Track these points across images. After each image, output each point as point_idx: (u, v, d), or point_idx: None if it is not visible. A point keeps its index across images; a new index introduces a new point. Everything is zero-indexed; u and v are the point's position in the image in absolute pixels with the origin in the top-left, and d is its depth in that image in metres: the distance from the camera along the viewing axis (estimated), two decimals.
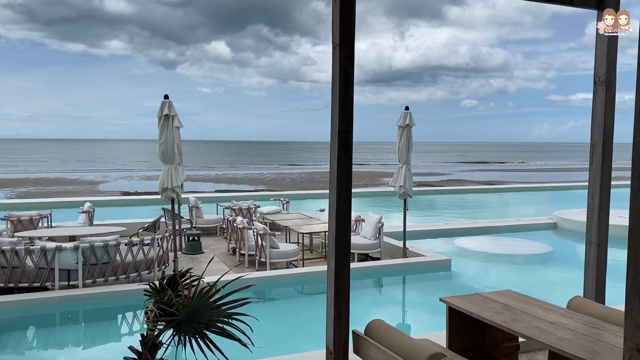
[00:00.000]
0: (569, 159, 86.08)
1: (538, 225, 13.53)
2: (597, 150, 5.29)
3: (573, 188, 26.56)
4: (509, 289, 5.11)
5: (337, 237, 4.23)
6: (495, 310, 4.42)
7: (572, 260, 11.38)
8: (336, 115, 4.17)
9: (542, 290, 8.80)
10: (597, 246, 5.36)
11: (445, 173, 45.26)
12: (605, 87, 5.23)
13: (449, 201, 20.96)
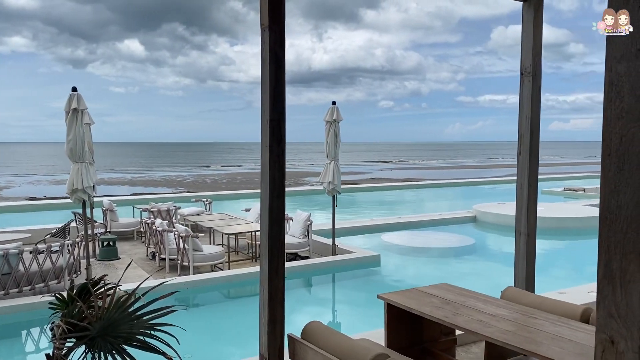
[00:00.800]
0: (477, 156, 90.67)
1: (459, 219, 13.90)
2: (525, 141, 5.34)
3: (486, 183, 27.82)
4: (444, 282, 5.04)
5: (271, 235, 3.92)
6: (435, 304, 4.30)
7: (494, 252, 11.78)
8: (267, 103, 3.85)
9: (470, 282, 8.95)
10: (526, 236, 5.41)
11: (364, 172, 45.99)
12: (532, 78, 5.29)
13: (371, 199, 21.18)
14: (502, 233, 12.99)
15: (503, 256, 11.29)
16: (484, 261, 10.66)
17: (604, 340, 1.83)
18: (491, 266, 10.28)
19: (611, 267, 1.80)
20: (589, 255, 11.60)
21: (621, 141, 1.76)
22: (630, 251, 1.75)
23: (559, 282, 8.07)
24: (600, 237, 1.84)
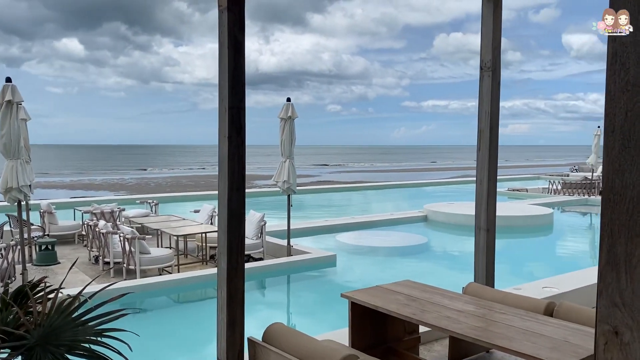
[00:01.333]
0: (422, 159, 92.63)
1: (411, 218, 13.98)
2: (485, 136, 5.31)
3: (433, 185, 28.30)
4: (408, 279, 4.92)
5: (230, 230, 3.66)
6: (401, 302, 4.16)
7: (447, 249, 11.89)
8: (225, 89, 3.60)
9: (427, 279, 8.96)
10: (486, 231, 5.38)
11: (313, 175, 45.93)
12: (492, 73, 5.27)
13: (323, 200, 21.07)
14: (453, 231, 13.15)
15: (456, 254, 11.42)
16: (438, 259, 10.72)
17: (607, 332, 1.70)
18: (445, 263, 10.35)
19: (615, 252, 1.68)
20: (538, 252, 11.88)
21: (626, 116, 1.65)
22: (636, 234, 1.64)
23: (514, 279, 8.16)
24: (602, 219, 1.71)
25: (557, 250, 12.18)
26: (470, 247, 12.68)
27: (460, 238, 12.84)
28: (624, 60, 1.65)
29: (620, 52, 1.66)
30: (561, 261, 10.83)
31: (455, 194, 21.66)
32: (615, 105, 1.67)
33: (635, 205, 1.63)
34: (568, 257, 11.42)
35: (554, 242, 13.12)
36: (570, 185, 19.85)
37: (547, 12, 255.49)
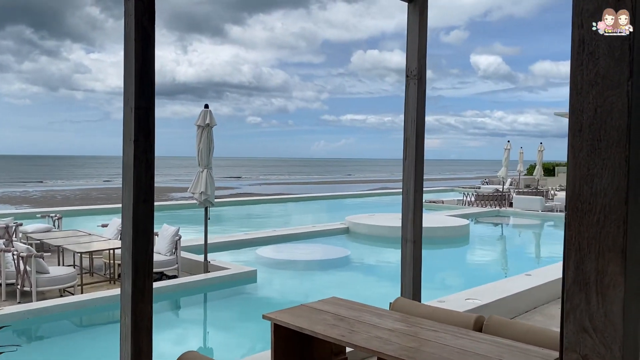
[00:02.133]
0: (342, 172, 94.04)
1: (332, 230, 13.82)
2: (411, 144, 5.17)
3: (353, 197, 28.52)
4: (334, 296, 4.63)
5: (136, 248, 3.19)
6: (328, 322, 3.85)
7: (370, 262, 11.80)
8: (132, 87, 3.15)
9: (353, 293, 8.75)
10: (412, 243, 5.21)
11: (232, 187, 44.95)
12: (417, 80, 5.15)
13: (242, 213, 20.50)
14: (375, 243, 13.13)
15: (380, 266, 11.35)
16: (362, 271, 10.59)
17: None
18: (370, 276, 10.22)
19: (584, 270, 1.46)
20: (458, 263, 12.03)
21: (595, 113, 1.45)
22: (609, 248, 1.43)
23: (437, 291, 8.13)
24: (568, 233, 1.50)
25: (476, 261, 12.48)
26: (394, 259, 12.67)
27: (383, 250, 12.83)
28: (592, 49, 1.45)
29: (588, 40, 1.46)
30: (480, 272, 11.06)
31: (374, 206, 21.89)
32: (583, 100, 1.47)
33: (607, 215, 1.42)
34: (486, 268, 11.71)
35: (472, 252, 13.45)
36: (483, 197, 20.66)
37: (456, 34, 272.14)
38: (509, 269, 11.25)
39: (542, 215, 18.65)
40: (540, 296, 7.60)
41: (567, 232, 1.49)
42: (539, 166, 23.48)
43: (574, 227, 1.47)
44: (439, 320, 4.11)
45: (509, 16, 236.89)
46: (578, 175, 1.45)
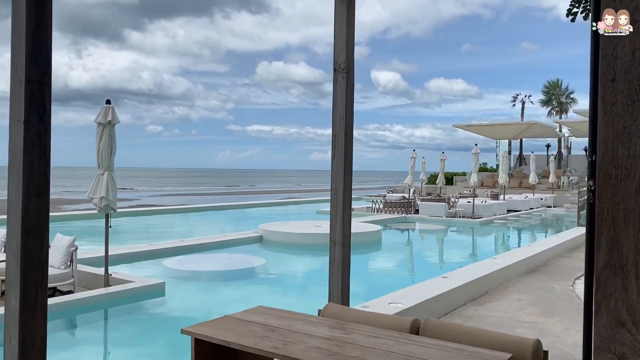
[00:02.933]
0: (247, 183, 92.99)
1: (245, 239, 13.29)
2: (340, 141, 4.89)
3: (262, 206, 28.01)
4: (260, 305, 4.21)
5: (25, 254, 2.58)
6: (258, 334, 3.42)
7: (287, 269, 11.41)
8: (21, 55, 2.56)
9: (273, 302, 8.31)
10: (341, 245, 4.92)
11: (132, 199, 42.45)
12: (346, 75, 4.90)
13: (145, 224, 19.27)
14: (290, 251, 12.79)
15: (298, 273, 11.01)
16: (281, 280, 10.17)
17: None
18: (288, 284, 9.84)
19: (619, 250, 1.20)
20: (375, 267, 11.96)
21: (633, 57, 1.21)
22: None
23: (358, 296, 7.92)
24: (598, 206, 1.23)
25: (391, 265, 12.53)
26: (312, 266, 12.37)
27: (300, 257, 12.53)
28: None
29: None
30: (397, 275, 11.09)
31: (282, 215, 21.57)
32: (617, 42, 1.23)
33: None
34: (402, 271, 11.79)
35: (386, 257, 13.52)
36: (391, 204, 21.07)
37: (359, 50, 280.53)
38: (424, 272, 11.37)
39: (447, 220, 19.37)
40: (458, 298, 7.65)
41: (596, 205, 1.23)
42: (441, 174, 24.46)
43: (606, 198, 1.21)
44: (375, 326, 3.84)
45: (407, 35, 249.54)
46: (611, 134, 1.20)
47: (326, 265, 6.90)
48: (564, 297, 8.34)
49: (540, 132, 35.76)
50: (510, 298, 8.22)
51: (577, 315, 7.32)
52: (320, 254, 12.58)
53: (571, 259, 11.99)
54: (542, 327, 6.76)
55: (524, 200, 25.05)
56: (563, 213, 24.99)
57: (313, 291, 9.32)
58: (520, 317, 7.19)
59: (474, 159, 20.47)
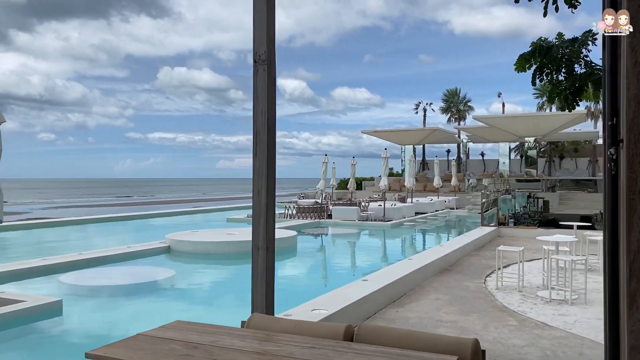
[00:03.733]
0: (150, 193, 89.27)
1: (151, 250, 12.45)
2: (262, 139, 4.57)
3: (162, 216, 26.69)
4: (178, 320, 3.75)
5: None
6: (178, 352, 3.00)
7: (198, 280, 10.79)
8: None
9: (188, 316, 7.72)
10: (265, 250, 4.58)
11: (22, 212, 38.92)
12: (267, 67, 4.59)
13: (37, 238, 17.60)
14: (201, 261, 12.17)
15: (211, 284, 10.43)
16: (193, 291, 9.55)
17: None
18: (202, 296, 9.25)
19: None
20: (293, 273, 11.64)
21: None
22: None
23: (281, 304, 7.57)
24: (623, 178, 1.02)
25: (310, 270, 12.29)
26: (226, 276, 11.82)
27: (212, 267, 11.94)
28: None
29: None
30: (317, 280, 10.86)
31: (191, 224, 20.71)
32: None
33: None
34: (321, 276, 11.58)
35: (303, 262, 13.27)
36: (304, 210, 20.94)
37: None
38: (343, 276, 11.25)
39: (360, 224, 19.55)
40: (379, 301, 7.55)
41: (625, 176, 1.02)
42: (352, 179, 24.75)
43: (638, 166, 1.00)
44: (307, 335, 3.54)
45: (311, 44, 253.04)
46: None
47: (243, 274, 6.48)
48: (479, 295, 8.54)
49: (442, 138, 37.51)
50: (428, 298, 8.27)
51: (493, 311, 7.48)
52: (235, 262, 12.08)
53: (480, 257, 12.44)
54: (462, 325, 6.81)
55: (430, 202, 26.00)
56: (465, 214, 26.22)
57: (231, 302, 8.84)
58: (441, 316, 7.22)
59: (384, 163, 20.90)
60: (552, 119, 27.42)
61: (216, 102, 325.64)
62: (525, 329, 6.64)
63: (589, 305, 7.85)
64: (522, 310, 7.55)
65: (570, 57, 4.18)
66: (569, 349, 5.86)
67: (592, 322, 6.94)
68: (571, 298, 8.03)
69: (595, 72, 3.98)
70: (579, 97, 4.37)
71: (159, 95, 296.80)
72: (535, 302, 8.07)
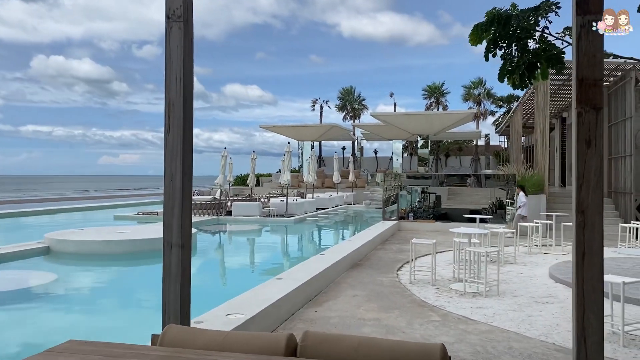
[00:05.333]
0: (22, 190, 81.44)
1: (26, 252, 10.81)
2: (176, 111, 3.76)
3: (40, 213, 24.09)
4: (70, 340, 2.86)
5: None
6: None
7: (85, 285, 9.46)
8: None
9: (85, 329, 6.55)
10: (180, 248, 3.78)
11: None
12: (183, 24, 3.79)
13: None
14: (89, 263, 10.78)
15: (102, 290, 9.17)
16: (80, 299, 8.26)
17: None
18: (92, 305, 8.02)
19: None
20: (196, 275, 10.64)
21: None
22: None
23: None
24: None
25: (214, 271, 11.36)
26: (121, 280, 10.47)
27: (102, 270, 10.60)
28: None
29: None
30: (224, 281, 9.99)
31: (72, 223, 18.72)
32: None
33: None
34: (228, 276, 10.71)
35: (206, 262, 12.30)
36: (201, 206, 19.78)
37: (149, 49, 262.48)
38: (253, 275, 10.50)
39: (262, 220, 18.84)
40: (296, 301, 6.96)
41: None
42: (252, 174, 23.91)
43: None
44: (241, 351, 2.86)
45: (201, 38, 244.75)
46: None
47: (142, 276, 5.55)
48: (395, 290, 8.26)
49: (339, 135, 37.85)
50: (345, 295, 7.83)
51: (413, 307, 7.20)
52: (131, 264, 10.87)
53: (386, 251, 12.32)
54: (386, 323, 6.42)
55: (330, 198, 25.93)
56: (363, 209, 26.50)
57: (133, 310, 7.73)
58: (362, 314, 6.79)
59: (287, 157, 20.34)
60: (444, 117, 28.60)
61: (98, 94, 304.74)
62: (449, 324, 6.40)
63: (502, 297, 7.87)
64: (440, 305, 7.36)
65: (529, 29, 3.88)
66: (498, 343, 5.67)
67: (509, 314, 6.88)
68: (485, 290, 8.00)
69: (549, 48, 3.74)
70: (532, 74, 4.09)
71: (33, 84, 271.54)
72: (450, 296, 7.94)
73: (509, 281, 9.05)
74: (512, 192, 17.21)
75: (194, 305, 3.88)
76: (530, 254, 12.34)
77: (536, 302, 7.55)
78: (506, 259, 11.24)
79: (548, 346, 5.59)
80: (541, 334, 6.01)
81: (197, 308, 6.77)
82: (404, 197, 19.13)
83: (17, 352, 5.47)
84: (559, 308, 7.24)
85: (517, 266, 10.71)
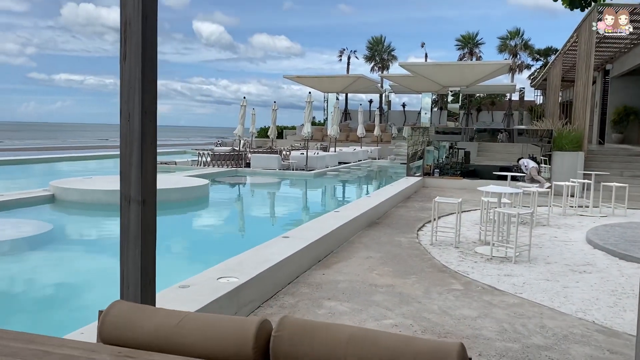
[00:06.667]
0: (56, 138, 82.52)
1: (31, 199, 10.42)
2: (134, 31, 2.96)
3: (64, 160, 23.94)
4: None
5: None
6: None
7: (83, 237, 9.01)
8: None
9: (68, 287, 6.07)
10: (140, 204, 3.06)
11: None
12: None
13: None
14: (92, 213, 10.34)
15: (96, 241, 8.71)
16: (65, 255, 7.79)
17: None
18: (85, 259, 7.54)
19: None
20: (200, 230, 10.01)
21: None
22: None
23: (178, 272, 6.13)
24: None
25: (222, 225, 10.81)
26: (108, 231, 9.91)
27: (104, 221, 10.15)
28: None
29: None
30: (229, 238, 9.42)
31: (89, 171, 18.41)
32: None
33: None
34: (236, 233, 10.14)
35: (216, 215, 11.77)
36: (219, 157, 19.21)
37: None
38: (261, 231, 9.88)
39: (280, 173, 18.20)
40: (302, 262, 6.29)
41: None
42: (273, 126, 23.12)
43: None
44: (197, 340, 2.19)
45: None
46: None
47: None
48: (414, 252, 7.53)
49: (365, 87, 36.51)
50: (358, 256, 7.14)
51: (432, 272, 6.47)
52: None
53: (408, 209, 11.55)
54: (401, 290, 5.72)
55: (353, 152, 25.07)
56: (388, 165, 25.60)
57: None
58: (374, 279, 6.09)
59: (308, 108, 19.45)
60: (477, 68, 27.05)
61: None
62: (472, 294, 5.67)
63: (533, 264, 7.07)
64: (463, 270, 6.61)
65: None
66: (528, 320, 4.92)
67: (541, 284, 6.10)
68: (514, 256, 7.20)
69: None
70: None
71: (65, 33, 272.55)
72: (475, 260, 7.18)
73: (541, 245, 8.22)
74: (546, 148, 16.10)
75: (193, 263, 3.22)
76: (564, 215, 11.41)
77: (572, 271, 6.73)
78: (538, 221, 10.35)
79: (587, 325, 4.81)
80: (578, 309, 5.24)
81: (194, 267, 6.16)
82: (431, 153, 18.16)
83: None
84: (598, 279, 6.42)
85: (551, 229, 9.83)
